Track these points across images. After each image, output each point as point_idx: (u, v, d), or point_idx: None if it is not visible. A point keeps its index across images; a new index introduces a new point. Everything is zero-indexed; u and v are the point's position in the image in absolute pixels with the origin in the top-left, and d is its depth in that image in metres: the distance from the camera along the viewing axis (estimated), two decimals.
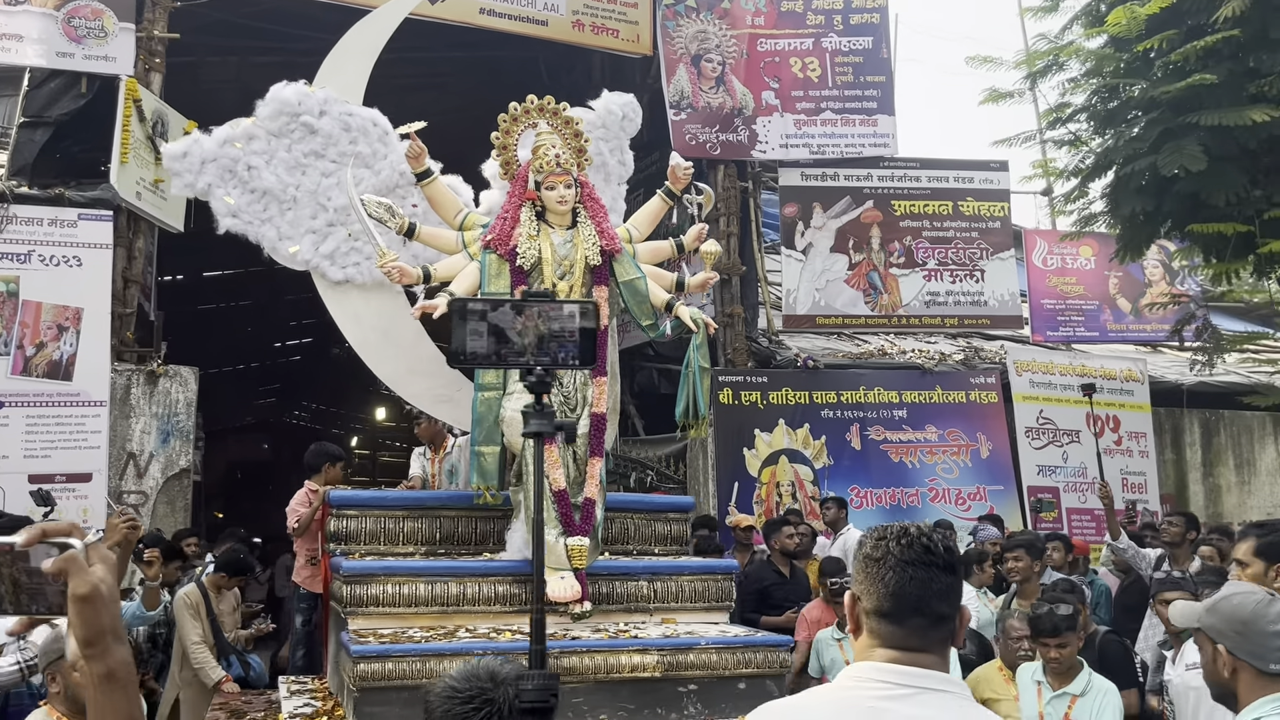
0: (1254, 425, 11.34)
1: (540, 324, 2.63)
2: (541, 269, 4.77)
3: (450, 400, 5.62)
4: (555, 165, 4.83)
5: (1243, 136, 6.41)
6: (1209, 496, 11.31)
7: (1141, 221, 7.24)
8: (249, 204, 5.31)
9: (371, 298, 5.54)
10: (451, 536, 5.03)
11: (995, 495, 10.66)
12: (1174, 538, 7.74)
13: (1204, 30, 6.46)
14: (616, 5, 11.26)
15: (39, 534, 1.29)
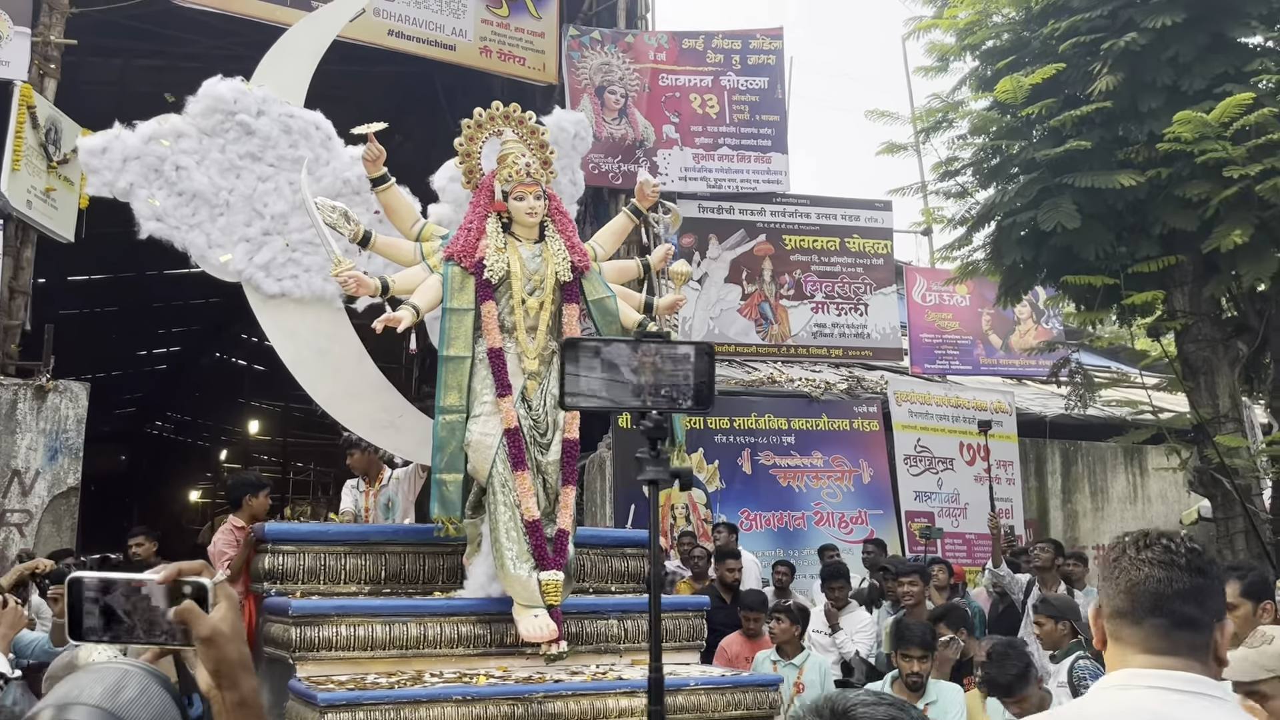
0: (1108, 456, 12.27)
1: (656, 364, 2.46)
2: (510, 284, 4.50)
3: (391, 426, 5.26)
4: (525, 175, 4.54)
5: (1111, 198, 7.04)
6: (1067, 522, 12.16)
7: (1021, 270, 7.86)
8: (176, 207, 4.87)
9: (309, 313, 5.13)
10: (398, 574, 4.66)
11: (876, 519, 11.21)
12: (1044, 563, 8.38)
13: (1080, 100, 7.09)
14: (524, 34, 11.46)
15: (175, 573, 1.38)
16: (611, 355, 2.47)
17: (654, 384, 2.46)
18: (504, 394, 4.36)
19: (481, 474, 4.36)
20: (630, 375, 2.47)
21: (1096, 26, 7.01)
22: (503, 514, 4.27)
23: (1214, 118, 6.32)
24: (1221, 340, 7.36)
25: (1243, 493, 7.06)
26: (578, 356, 2.48)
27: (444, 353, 4.40)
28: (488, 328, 4.42)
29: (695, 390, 2.51)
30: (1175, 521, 12.26)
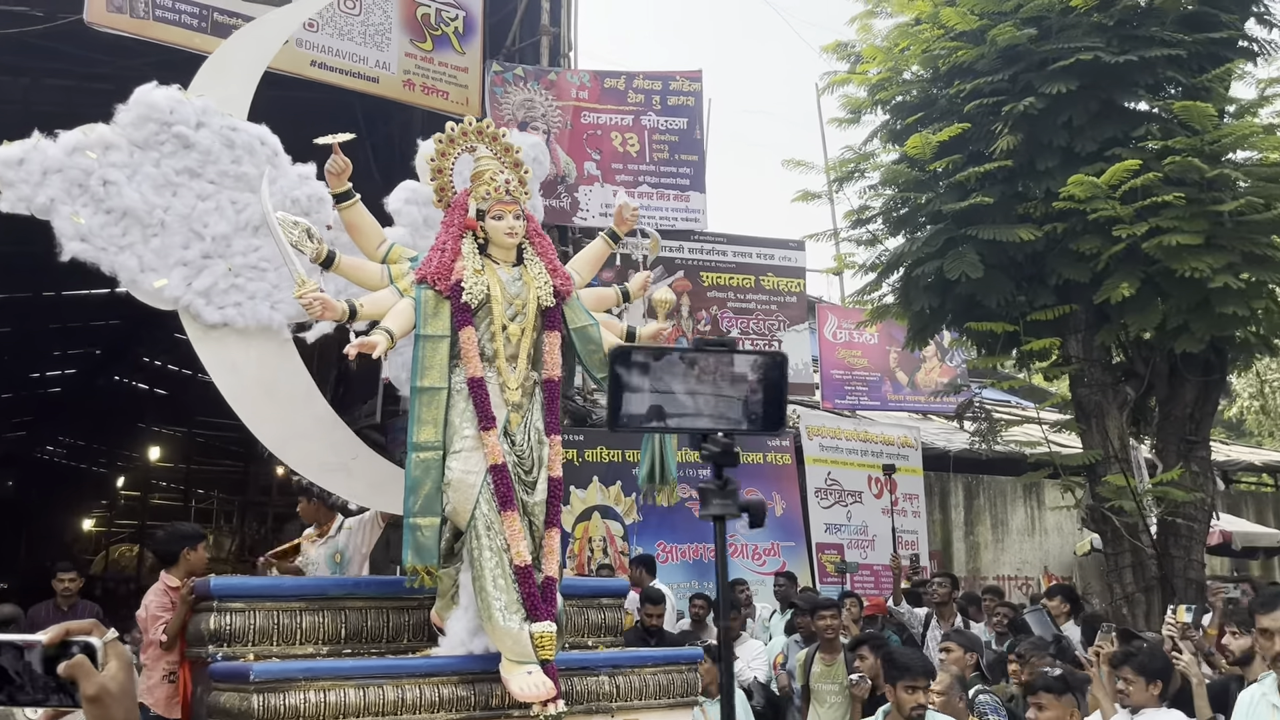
0: (1007, 489, 12.81)
1: (718, 378, 2.11)
2: (490, 308, 4.16)
3: (342, 469, 4.84)
4: (504, 193, 4.24)
5: (1012, 250, 7.46)
6: (969, 553, 12.64)
7: (928, 315, 8.23)
8: (104, 226, 4.40)
9: (253, 345, 4.69)
10: (360, 632, 4.26)
11: (788, 551, 11.51)
12: (941, 598, 8.77)
13: (983, 157, 7.51)
14: (447, 69, 11.55)
15: (62, 632, 1.38)
16: (665, 369, 2.10)
17: (716, 402, 2.11)
18: (488, 427, 4.00)
19: (462, 516, 3.99)
20: (687, 392, 2.11)
21: (998, 89, 7.44)
22: (488, 560, 3.91)
23: (1105, 180, 6.77)
24: (1111, 385, 7.83)
25: (1130, 529, 7.50)
26: (629, 369, 2.10)
27: (418, 384, 4.04)
28: (467, 355, 4.08)
29: (765, 409, 2.14)
30: (1070, 553, 12.86)
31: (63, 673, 1.35)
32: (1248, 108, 7.77)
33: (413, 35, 11.32)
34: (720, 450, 2.12)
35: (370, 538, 5.49)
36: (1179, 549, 7.49)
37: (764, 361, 2.17)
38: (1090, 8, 7.20)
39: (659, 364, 2.12)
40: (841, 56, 8.74)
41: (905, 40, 8.06)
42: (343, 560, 5.43)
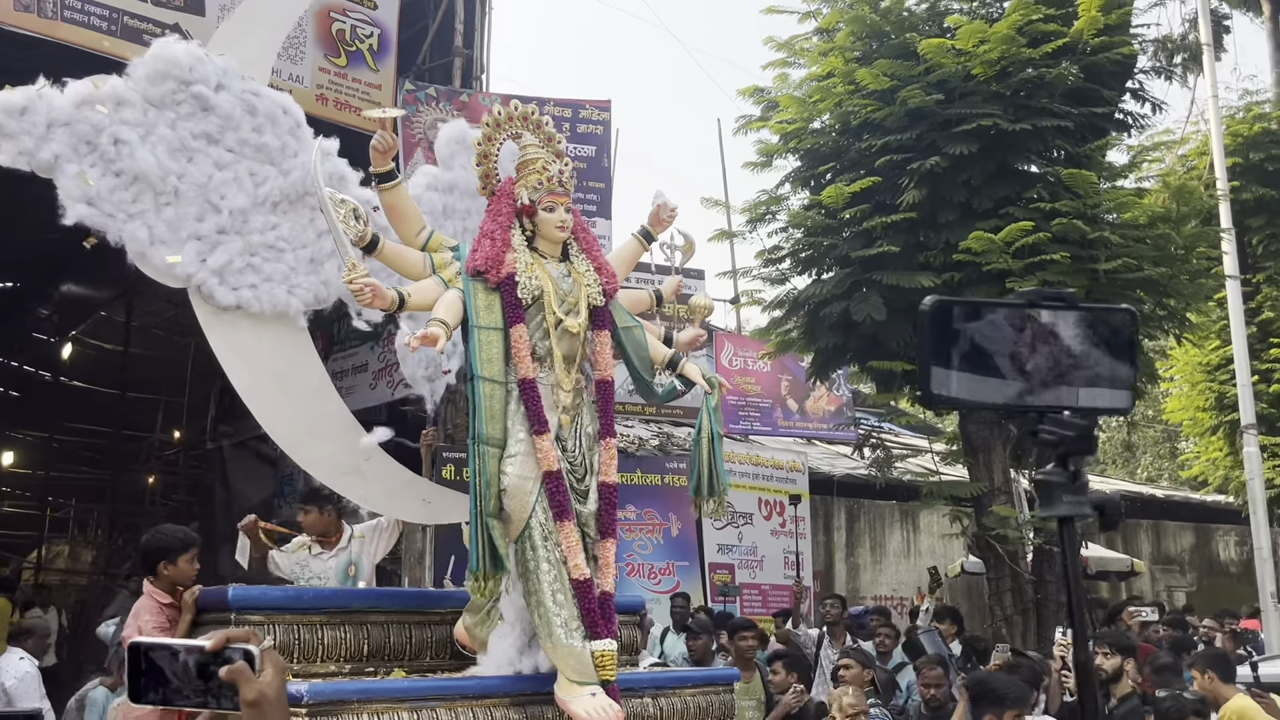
0: (886, 513, 13.54)
1: (1055, 343, 1.64)
2: (543, 305, 3.92)
3: (357, 472, 4.49)
4: (558, 184, 4.02)
5: (912, 295, 8.03)
6: (850, 573, 13.31)
7: (831, 352, 8.76)
8: (113, 190, 4.01)
9: (267, 332, 4.33)
10: (382, 649, 3.97)
11: (682, 570, 11.89)
12: (833, 618, 9.33)
13: (889, 208, 8.08)
14: (361, 85, 11.56)
15: (224, 640, 1.43)
16: (983, 333, 1.62)
17: (1055, 372, 1.63)
18: (541, 431, 3.77)
19: (516, 525, 3.75)
20: (1008, 359, 1.63)
21: (905, 146, 8.03)
22: (546, 573, 3.69)
23: (1001, 238, 7.41)
24: (997, 422, 8.50)
25: (1011, 556, 8.16)
26: (945, 335, 1.64)
27: (480, 373, 3.77)
28: (519, 354, 3.83)
29: (1114, 375, 1.66)
30: (943, 574, 13.68)
31: (225, 677, 1.40)
32: (1119, 171, 8.60)
33: (327, 50, 11.30)
34: (1074, 434, 1.63)
35: (384, 546, 5.22)
36: (1052, 575, 8.19)
37: (1112, 318, 1.68)
38: (990, 77, 7.85)
39: (976, 325, 1.65)
40: (757, 101, 9.23)
41: (818, 93, 8.59)
42: (356, 572, 5.07)
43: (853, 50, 8.54)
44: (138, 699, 1.42)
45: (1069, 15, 8.05)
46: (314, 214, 4.41)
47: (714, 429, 4.18)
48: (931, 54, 7.91)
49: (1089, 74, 7.94)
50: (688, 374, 4.20)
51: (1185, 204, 8.20)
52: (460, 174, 4.74)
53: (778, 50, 9.07)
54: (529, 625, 3.81)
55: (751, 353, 13.36)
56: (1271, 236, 13.23)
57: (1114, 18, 8.03)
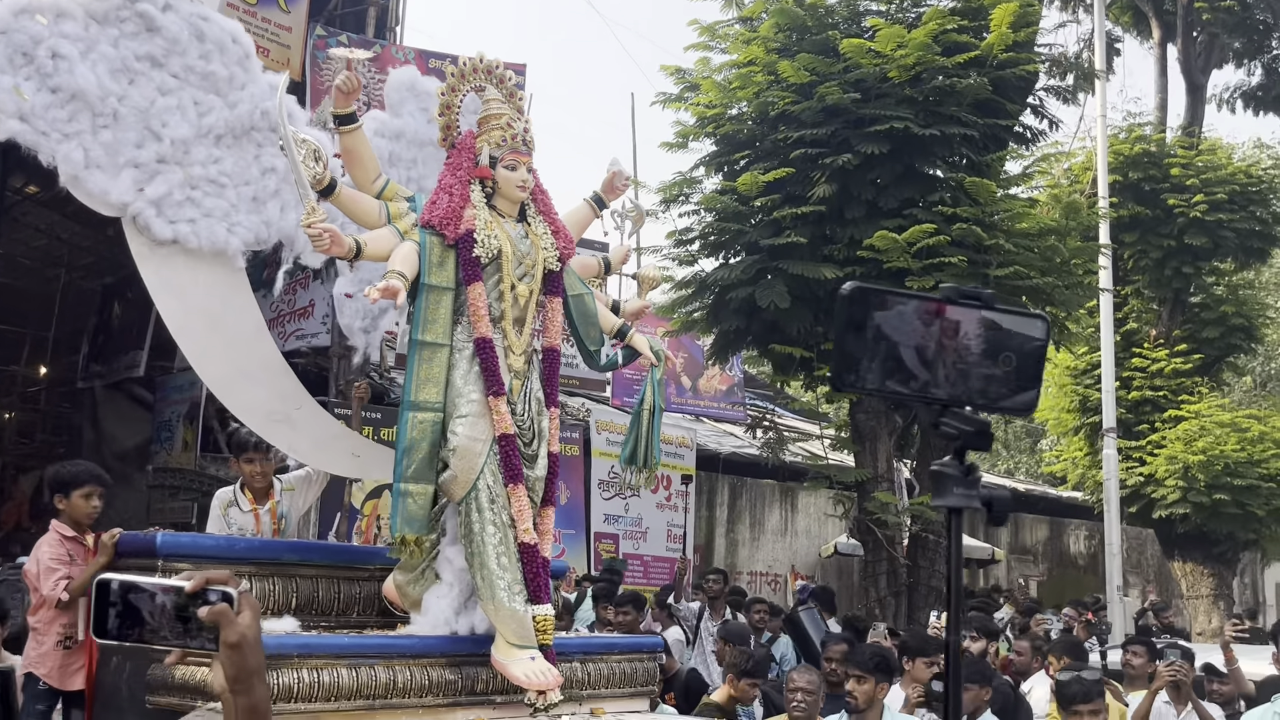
0: (767, 492, 13.95)
1: (962, 340, 1.66)
2: (500, 265, 3.82)
3: (287, 421, 4.37)
4: (521, 142, 3.91)
5: (815, 286, 8.31)
6: (729, 549, 13.68)
7: (732, 335, 8.99)
8: (48, 108, 3.78)
9: (202, 269, 4.14)
10: (311, 602, 3.90)
11: (569, 539, 12.03)
12: (714, 593, 9.66)
13: (800, 200, 8.32)
14: (271, 26, 11.19)
15: (203, 581, 1.42)
16: (891, 323, 1.64)
17: (959, 368, 1.66)
18: (498, 393, 3.71)
19: (462, 486, 3.68)
20: (920, 353, 1.66)
21: (819, 141, 8.26)
22: (491, 535, 3.65)
23: (904, 238, 7.72)
24: (884, 412, 8.88)
25: (889, 541, 8.57)
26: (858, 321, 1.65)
27: (419, 336, 3.73)
28: (476, 313, 3.76)
29: (1018, 383, 1.69)
30: (816, 554, 14.19)
31: (206, 618, 1.40)
32: (1014, 180, 9.05)
33: None
34: (971, 430, 1.66)
35: (311, 498, 5.08)
36: (925, 560, 8.64)
37: (1025, 323, 1.71)
38: (904, 81, 8.14)
39: (886, 315, 1.65)
40: (677, 81, 9.33)
41: (738, 80, 8.75)
42: (285, 525, 4.89)
43: (775, 41, 8.71)
44: (108, 636, 1.41)
45: (981, 28, 8.40)
46: (259, 150, 4.27)
47: (656, 402, 4.19)
48: (851, 53, 8.15)
49: (996, 87, 8.30)
50: (635, 345, 4.20)
51: (1073, 219, 8.68)
52: (409, 121, 4.60)
53: (701, 34, 9.19)
54: (467, 586, 3.78)
55: (650, 329, 13.53)
56: (1142, 252, 14.05)
57: (1022, 35, 8.41)
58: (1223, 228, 13.43)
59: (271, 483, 4.90)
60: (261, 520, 4.80)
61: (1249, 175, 13.85)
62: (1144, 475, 13.27)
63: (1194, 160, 13.85)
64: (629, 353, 4.27)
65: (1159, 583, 18.57)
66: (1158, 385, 13.86)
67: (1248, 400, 20.21)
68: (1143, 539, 17.88)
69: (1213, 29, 15.81)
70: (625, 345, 4.24)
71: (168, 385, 13.08)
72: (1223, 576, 14.02)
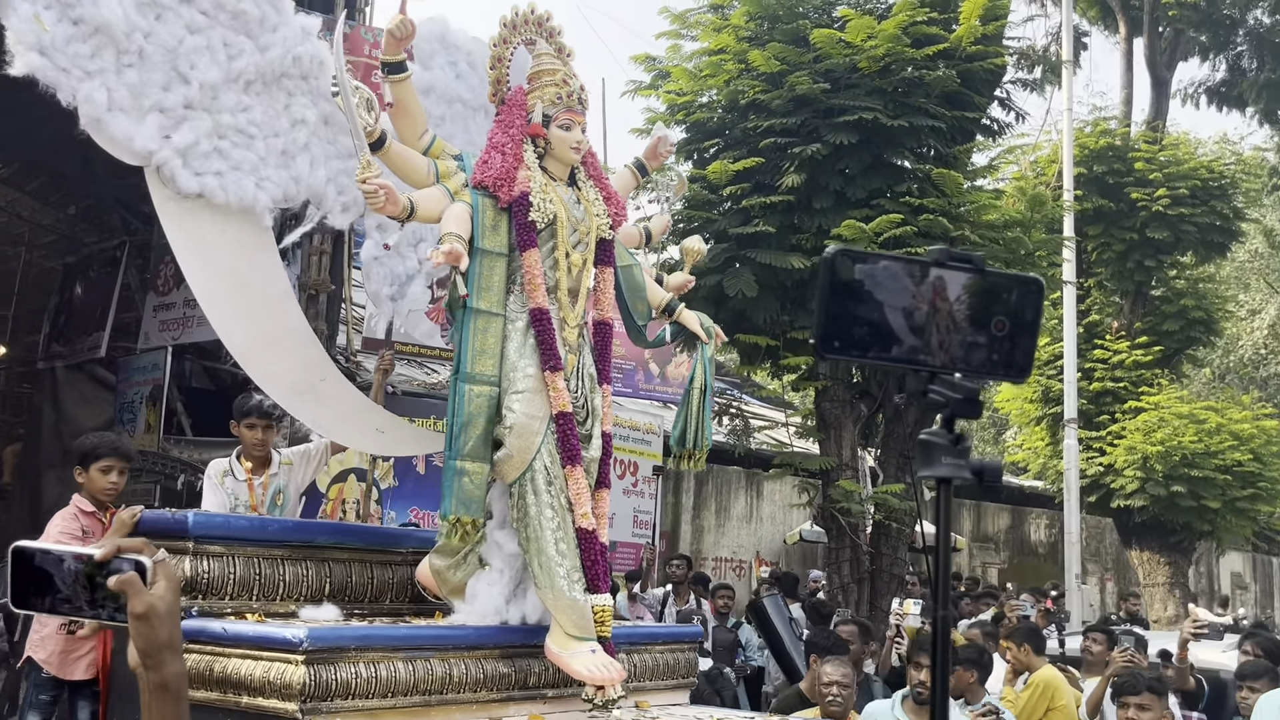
0: (733, 479, 14.03)
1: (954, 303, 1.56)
2: (555, 231, 3.61)
3: (313, 392, 4.12)
4: (576, 101, 3.72)
5: (783, 275, 8.34)
6: (695, 535, 13.75)
7: None
8: (69, 41, 3.46)
9: (229, 226, 3.84)
10: (344, 588, 3.68)
11: None
12: (678, 578, 9.76)
13: (769, 189, 8.34)
14: None
15: (114, 549, 1.36)
16: (877, 287, 1.54)
17: (951, 334, 1.57)
18: (555, 368, 3.51)
19: (517, 466, 3.46)
20: (911, 318, 1.56)
21: (789, 130, 8.28)
22: (549, 519, 3.42)
23: (871, 228, 7.77)
24: (849, 401, 8.95)
25: (852, 528, 8.65)
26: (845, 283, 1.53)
27: (475, 304, 3.47)
28: (532, 282, 3.55)
29: (1012, 350, 1.61)
30: (780, 541, 14.31)
31: (114, 586, 1.34)
32: (980, 172, 9.12)
33: None
34: (960, 397, 1.58)
35: (310, 474, 4.91)
36: (888, 548, 8.73)
37: (1019, 288, 1.63)
38: (874, 72, 8.17)
39: (877, 276, 1.56)
40: (648, 69, 9.32)
41: (709, 69, 8.74)
42: (284, 501, 4.70)
43: (746, 30, 8.71)
44: (22, 605, 1.37)
45: (950, 21, 8.44)
46: (289, 99, 4.00)
47: (707, 381, 3.98)
48: (822, 44, 8.17)
49: (964, 79, 8.36)
50: (684, 321, 4.03)
51: (1038, 211, 8.77)
52: (439, 75, 4.38)
53: (673, 21, 9.17)
54: (518, 572, 3.57)
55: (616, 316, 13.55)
56: (1105, 245, 14.22)
57: (991, 29, 8.46)
58: (1184, 222, 13.61)
59: (270, 454, 4.70)
60: (254, 490, 4.60)
61: (1211, 170, 14.05)
62: (1104, 465, 13.47)
63: (1157, 155, 14.02)
64: (676, 328, 4.08)
65: (1117, 571, 18.90)
66: (1119, 377, 14.05)
67: (1206, 392, 20.56)
68: (1102, 528, 18.17)
69: (1178, 24, 16.00)
70: (673, 321, 4.05)
71: (130, 366, 12.91)
72: (1179, 565, 14.28)
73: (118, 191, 11.55)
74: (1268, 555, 23.04)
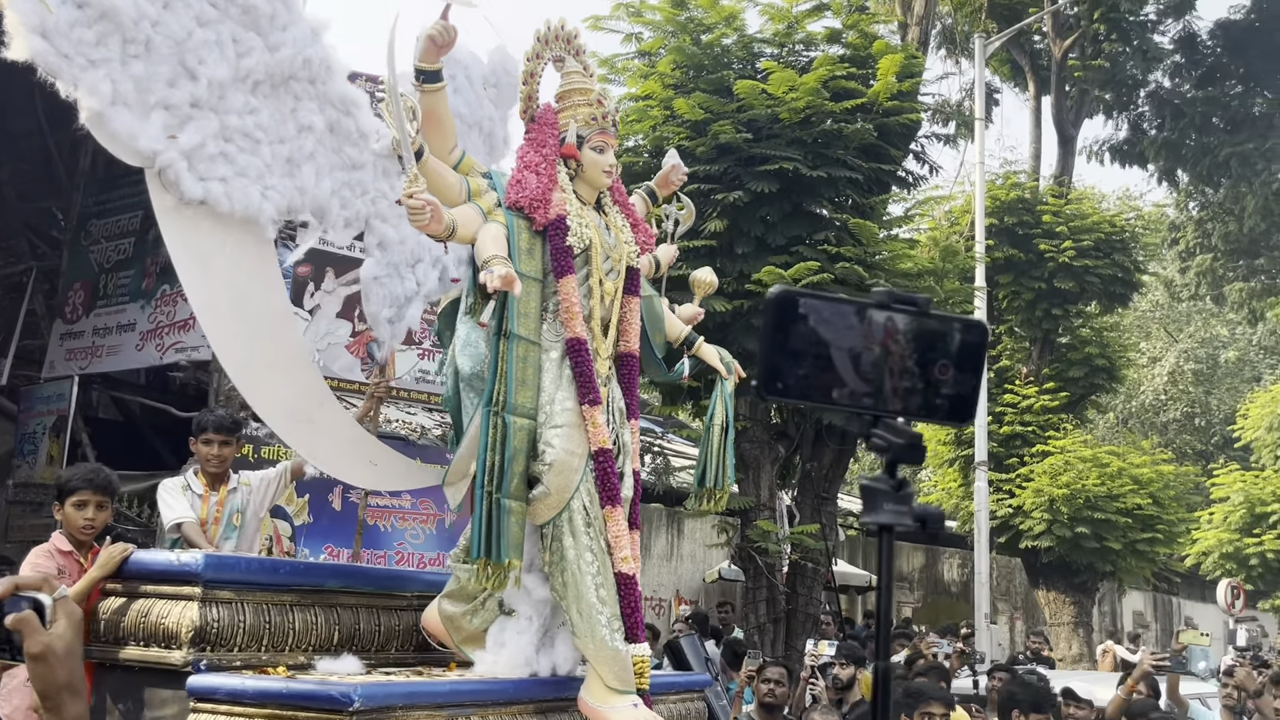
0: (654, 517, 14.07)
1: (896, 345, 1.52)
2: (590, 258, 3.41)
3: (310, 421, 3.87)
4: (610, 124, 3.55)
5: (706, 318, 8.49)
6: None
7: None
8: (74, 26, 3.21)
9: (231, 238, 3.56)
10: (352, 636, 3.39)
11: None
12: None
13: (693, 234, 8.49)
14: None
15: (11, 587, 1.33)
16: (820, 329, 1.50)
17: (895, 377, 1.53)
18: (595, 401, 3.31)
19: (552, 507, 3.23)
20: (856, 361, 1.52)
21: (712, 177, 8.48)
22: (589, 563, 3.20)
23: (790, 274, 7.97)
24: (768, 443, 9.11)
25: (769, 568, 8.77)
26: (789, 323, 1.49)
27: (516, 329, 3.25)
28: (569, 310, 3.35)
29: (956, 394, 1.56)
30: (700, 579, 14.39)
31: (9, 625, 1.30)
32: (896, 222, 9.43)
33: None
34: (902, 441, 1.54)
35: (269, 502, 4.72)
36: (804, 588, 8.88)
37: (964, 331, 1.59)
38: (795, 123, 8.42)
39: (815, 320, 1.52)
40: None
41: (635, 114, 8.91)
42: (241, 524, 4.45)
43: (672, 78, 8.92)
44: None
45: (868, 76, 8.76)
46: (296, 103, 3.76)
47: (728, 417, 3.83)
48: (745, 94, 8.40)
49: (881, 133, 8.66)
50: (703, 355, 3.90)
51: (950, 261, 9.09)
52: None
53: (600, 66, 9.33)
54: (546, 619, 3.37)
55: None
56: (1015, 294, 14.73)
57: (907, 85, 8.80)
58: (1089, 273, 14.19)
59: (227, 472, 4.49)
60: (208, 508, 4.34)
61: (1113, 225, 14.69)
62: (1013, 507, 13.86)
63: (1064, 208, 14.62)
64: (694, 362, 3.94)
65: (1026, 610, 19.38)
66: (1027, 421, 14.51)
67: (1110, 437, 21.31)
68: (1011, 568, 18.64)
69: (1084, 84, 16.76)
70: (692, 355, 3.91)
71: (33, 396, 12.49)
72: (1083, 605, 14.72)
73: (25, 216, 11.26)
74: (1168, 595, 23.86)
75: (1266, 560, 18.17)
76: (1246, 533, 18.30)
